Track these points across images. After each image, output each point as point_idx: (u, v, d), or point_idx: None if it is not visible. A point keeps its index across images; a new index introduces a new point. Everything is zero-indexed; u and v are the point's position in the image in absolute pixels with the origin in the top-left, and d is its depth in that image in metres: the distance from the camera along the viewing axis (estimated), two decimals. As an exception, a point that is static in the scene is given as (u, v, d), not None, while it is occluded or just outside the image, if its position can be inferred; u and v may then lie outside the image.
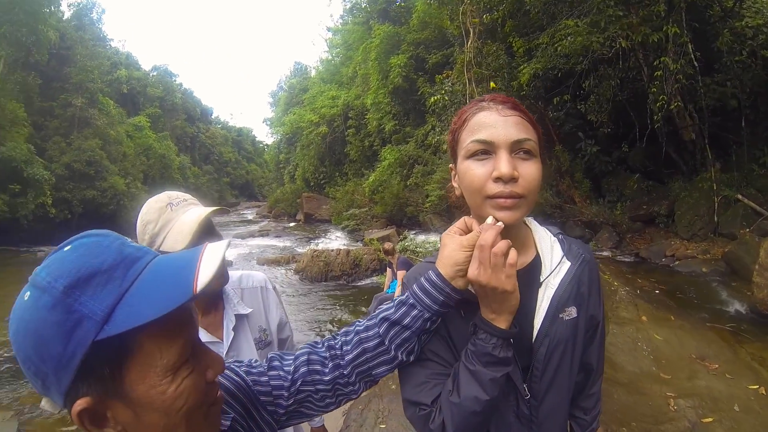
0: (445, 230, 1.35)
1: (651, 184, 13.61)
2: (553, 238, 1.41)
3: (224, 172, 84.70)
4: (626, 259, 11.74)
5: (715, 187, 10.79)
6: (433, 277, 1.23)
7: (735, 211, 10.59)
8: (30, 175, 26.84)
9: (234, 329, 1.90)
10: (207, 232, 1.69)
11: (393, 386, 5.30)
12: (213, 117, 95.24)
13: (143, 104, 61.49)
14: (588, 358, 1.45)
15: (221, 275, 0.69)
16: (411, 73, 21.49)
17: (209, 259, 0.78)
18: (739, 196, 10.54)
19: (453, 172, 1.34)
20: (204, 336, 1.81)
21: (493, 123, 1.20)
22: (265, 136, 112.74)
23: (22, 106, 29.30)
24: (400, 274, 8.07)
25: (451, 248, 1.24)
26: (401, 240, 15.81)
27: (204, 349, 0.89)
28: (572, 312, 1.33)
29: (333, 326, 9.63)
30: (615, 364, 5.45)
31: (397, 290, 7.99)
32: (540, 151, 1.26)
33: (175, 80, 77.42)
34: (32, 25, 28.60)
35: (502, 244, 1.14)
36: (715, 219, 10.74)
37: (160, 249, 1.62)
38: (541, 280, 1.33)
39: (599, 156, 14.03)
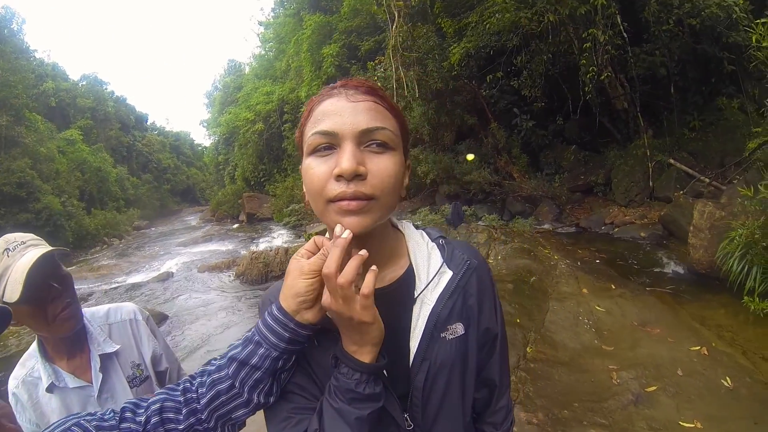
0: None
1: (587, 154, 13.86)
2: (432, 244, 1.21)
3: (164, 179, 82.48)
4: (567, 231, 11.84)
5: (648, 153, 10.99)
6: (275, 311, 1.04)
7: (668, 174, 10.82)
8: None
9: (101, 370, 1.76)
10: (47, 275, 1.55)
11: None
12: (149, 123, 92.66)
13: (74, 116, 59.49)
14: (489, 374, 1.27)
15: None
16: (344, 61, 21.28)
17: None
18: (671, 161, 10.76)
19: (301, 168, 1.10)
20: (72, 382, 1.71)
21: (339, 110, 0.99)
22: (203, 138, 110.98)
23: None
24: None
25: (292, 276, 1.03)
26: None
27: None
28: (458, 329, 1.15)
29: None
30: (555, 343, 5.37)
31: None
32: (403, 144, 1.07)
33: (106, 88, 75.02)
34: None
35: (349, 272, 0.93)
36: (650, 184, 10.96)
37: (3, 300, 1.49)
38: (416, 295, 1.13)
39: (535, 130, 14.19)
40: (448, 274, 1.15)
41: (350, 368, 1.02)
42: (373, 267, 0.97)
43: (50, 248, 1.59)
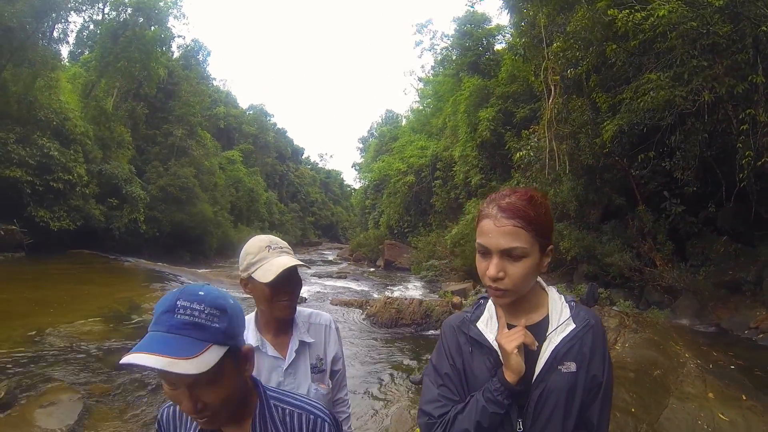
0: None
1: (739, 247, 12.63)
2: (565, 304, 1.66)
3: (309, 212, 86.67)
4: (705, 329, 11.10)
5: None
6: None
7: None
8: (128, 192, 29.99)
9: (296, 352, 2.28)
10: (290, 278, 2.15)
11: None
12: (303, 157, 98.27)
13: (237, 139, 64.98)
14: (589, 415, 1.60)
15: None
16: (499, 126, 21.53)
17: (136, 358, 1.14)
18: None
19: None
20: (271, 351, 2.24)
21: (489, 232, 1.49)
22: (353, 180, 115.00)
23: (128, 131, 32.99)
24: None
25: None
26: (475, 295, 15.68)
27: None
28: (571, 366, 1.56)
29: (393, 369, 9.70)
30: None
31: None
32: (540, 241, 1.52)
33: (269, 120, 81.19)
34: (145, 61, 32.20)
35: (512, 342, 1.52)
36: None
37: (251, 275, 2.12)
38: (546, 334, 1.59)
39: (684, 216, 13.31)
40: (572, 325, 1.59)
41: (499, 379, 1.52)
42: (522, 330, 1.54)
43: (299, 262, 2.18)
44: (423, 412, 1.70)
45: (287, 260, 2.13)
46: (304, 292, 18.37)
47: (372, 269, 32.24)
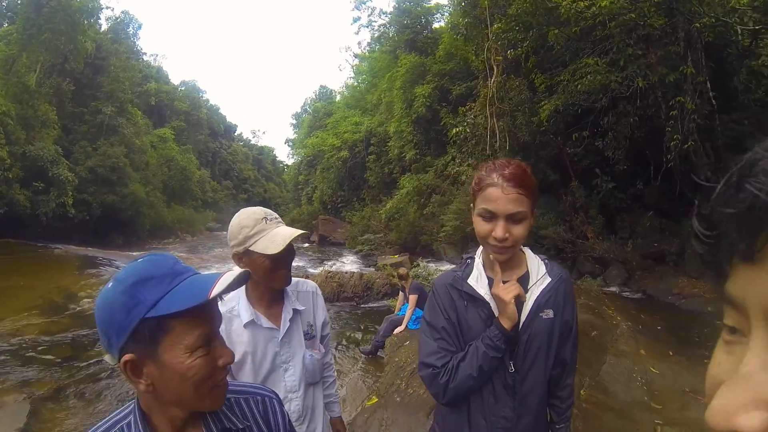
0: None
1: (664, 222, 13.60)
2: (540, 261, 1.96)
3: (242, 189, 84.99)
4: (633, 296, 11.87)
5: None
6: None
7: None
8: (55, 175, 28.25)
9: (290, 320, 2.32)
10: (289, 248, 2.16)
11: (398, 399, 5.69)
12: (236, 134, 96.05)
13: (169, 117, 62.74)
14: (563, 354, 1.94)
15: (231, 289, 1.12)
16: (435, 103, 21.72)
17: (223, 282, 1.12)
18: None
19: (471, 207, 1.85)
20: (265, 323, 2.27)
21: (497, 198, 1.69)
22: (286, 156, 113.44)
23: (54, 109, 30.92)
24: (412, 298, 8.42)
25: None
26: (414, 267, 15.93)
27: (220, 343, 1.23)
28: (549, 313, 1.86)
29: (344, 342, 9.90)
30: (608, 392, 5.59)
31: (408, 312, 8.41)
32: (531, 209, 1.76)
33: (202, 96, 78.96)
34: (71, 34, 30.47)
35: (511, 295, 1.75)
36: (725, 260, 10.75)
37: (250, 248, 2.10)
38: (528, 287, 1.87)
39: (614, 193, 14.16)
40: (549, 279, 1.89)
41: (496, 327, 1.77)
42: (516, 284, 1.78)
43: (301, 231, 2.21)
44: (425, 365, 1.89)
45: (290, 231, 2.17)
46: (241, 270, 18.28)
47: (306, 244, 32.06)
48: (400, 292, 9.52)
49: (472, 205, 1.85)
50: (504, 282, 1.80)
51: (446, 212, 18.13)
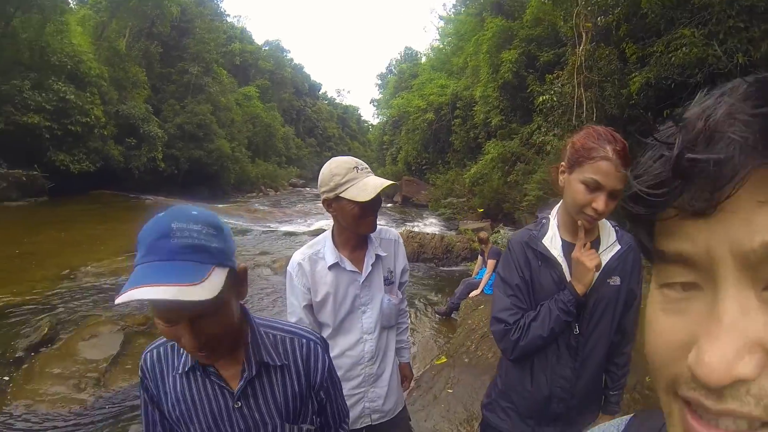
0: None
1: None
2: (611, 228, 2.00)
3: (326, 147, 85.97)
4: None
5: None
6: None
7: None
8: (145, 131, 30.25)
9: (372, 265, 2.46)
10: (377, 197, 2.25)
11: (466, 360, 6.02)
12: (320, 93, 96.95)
13: (254, 76, 64.16)
14: (625, 323, 2.04)
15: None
16: (521, 69, 21.04)
17: (130, 295, 1.04)
18: None
19: (562, 170, 1.90)
20: (349, 266, 2.41)
21: (609, 173, 1.72)
22: (371, 116, 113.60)
23: (143, 71, 32.80)
24: (491, 262, 8.49)
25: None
26: (494, 233, 15.83)
27: (188, 331, 1.18)
28: (617, 280, 1.94)
29: (419, 302, 9.95)
30: None
31: (486, 276, 8.58)
32: None
33: (286, 55, 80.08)
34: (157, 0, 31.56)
35: (593, 263, 1.85)
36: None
37: (341, 195, 2.21)
38: (599, 253, 1.91)
39: None
40: (618, 246, 1.96)
41: (570, 291, 1.87)
42: (596, 254, 1.88)
43: (390, 181, 2.30)
44: (497, 320, 2.01)
45: (380, 181, 2.26)
46: (324, 225, 18.62)
47: (389, 204, 32.38)
48: (479, 256, 9.68)
49: (564, 168, 1.89)
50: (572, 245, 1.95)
51: (530, 181, 17.76)
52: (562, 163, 1.91)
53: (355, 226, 2.31)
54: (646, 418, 0.70)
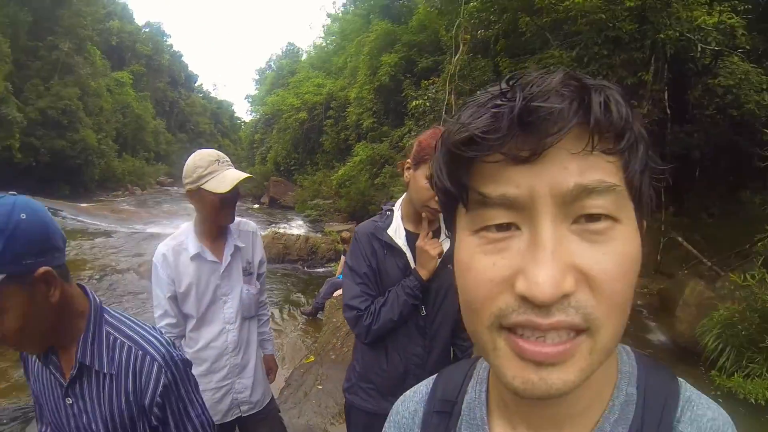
0: None
1: None
2: None
3: (197, 143, 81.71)
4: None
5: (663, 229, 11.19)
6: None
7: (678, 252, 11.00)
8: (2, 114, 26.63)
9: (231, 256, 2.60)
10: (237, 189, 2.42)
11: (332, 356, 6.27)
12: (196, 85, 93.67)
13: (129, 60, 60.72)
14: None
15: None
16: (399, 73, 21.44)
17: None
18: (680, 239, 10.94)
19: (408, 166, 2.11)
20: (210, 256, 2.54)
21: None
22: (245, 113, 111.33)
23: (8, 41, 28.90)
24: None
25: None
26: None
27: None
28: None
29: (283, 303, 10.01)
30: None
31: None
32: None
33: (166, 41, 76.60)
34: None
35: (437, 251, 2.06)
36: (659, 258, 11.15)
37: (202, 186, 2.36)
38: (440, 241, 2.10)
39: None
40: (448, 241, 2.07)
41: (415, 277, 2.06)
42: (439, 242, 2.08)
43: (247, 174, 2.46)
44: (350, 307, 2.15)
45: (237, 174, 2.43)
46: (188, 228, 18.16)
47: (256, 205, 32.33)
48: (342, 256, 9.65)
49: (410, 164, 2.08)
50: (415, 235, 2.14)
51: (396, 184, 18.10)
52: (408, 160, 2.10)
53: (214, 217, 2.48)
54: (449, 373, 0.84)
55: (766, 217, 6.92)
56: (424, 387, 0.86)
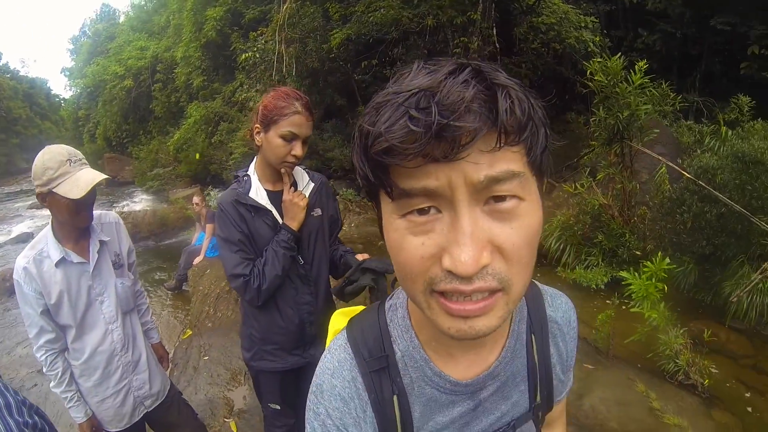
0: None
1: None
2: (301, 170, 2.42)
3: (13, 132, 73.52)
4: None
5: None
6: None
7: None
8: None
9: (98, 252, 2.47)
10: (92, 191, 2.25)
11: (209, 324, 6.35)
12: (1, 64, 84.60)
13: None
14: (336, 239, 2.62)
15: None
16: (226, 27, 20.80)
17: None
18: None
19: (257, 131, 2.21)
20: (75, 258, 2.37)
21: (301, 124, 2.14)
22: (63, 89, 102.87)
23: None
24: (209, 227, 8.47)
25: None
26: (206, 196, 15.57)
27: None
28: (318, 211, 2.39)
29: (148, 284, 9.47)
30: None
31: (206, 241, 8.58)
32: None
33: (-49, 17, 67.83)
34: None
35: (303, 201, 2.29)
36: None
37: (54, 190, 2.16)
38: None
39: None
40: (312, 184, 2.40)
41: (287, 231, 2.22)
42: (302, 193, 2.30)
43: (104, 175, 2.29)
44: (234, 276, 2.22)
45: (92, 175, 2.23)
46: (26, 228, 17.18)
47: (91, 187, 29.60)
48: (196, 223, 9.61)
49: (260, 128, 2.19)
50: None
51: (234, 139, 18.11)
52: (257, 125, 2.20)
53: (70, 220, 2.30)
54: (359, 332, 0.90)
55: (590, 134, 7.56)
56: (340, 353, 0.90)
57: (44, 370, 2.41)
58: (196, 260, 8.45)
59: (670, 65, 13.22)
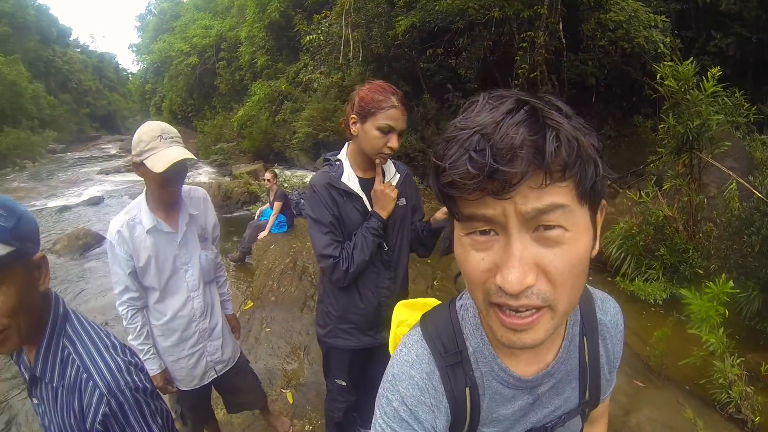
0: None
1: None
2: (390, 162, 2.46)
3: (84, 102, 75.18)
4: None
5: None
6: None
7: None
8: None
9: (186, 225, 2.62)
10: (178, 168, 2.35)
11: (272, 298, 6.38)
12: (71, 39, 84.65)
13: (-11, 21, 54.62)
14: (417, 222, 2.63)
15: None
16: (289, 8, 20.93)
17: None
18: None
19: (354, 121, 2.27)
20: (165, 227, 2.52)
21: (397, 118, 2.20)
22: (131, 63, 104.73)
23: None
24: (277, 204, 8.68)
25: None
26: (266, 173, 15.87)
27: None
28: (403, 201, 2.46)
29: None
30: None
31: (272, 218, 8.74)
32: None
33: (27, -6, 69.24)
34: None
35: (394, 192, 2.35)
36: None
37: (144, 161, 2.28)
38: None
39: None
40: (398, 174, 2.47)
41: (377, 218, 2.31)
42: (393, 185, 2.38)
43: (190, 155, 2.36)
44: (324, 256, 2.30)
45: (178, 152, 2.31)
46: (97, 191, 17.62)
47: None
48: (262, 198, 9.96)
49: (356, 119, 2.26)
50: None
51: (298, 119, 18.26)
52: (353, 115, 2.27)
53: (157, 193, 2.44)
54: (434, 329, 1.00)
55: (657, 140, 7.28)
56: (417, 348, 0.99)
57: (124, 323, 2.57)
58: (261, 234, 8.65)
59: (745, 72, 12.36)
